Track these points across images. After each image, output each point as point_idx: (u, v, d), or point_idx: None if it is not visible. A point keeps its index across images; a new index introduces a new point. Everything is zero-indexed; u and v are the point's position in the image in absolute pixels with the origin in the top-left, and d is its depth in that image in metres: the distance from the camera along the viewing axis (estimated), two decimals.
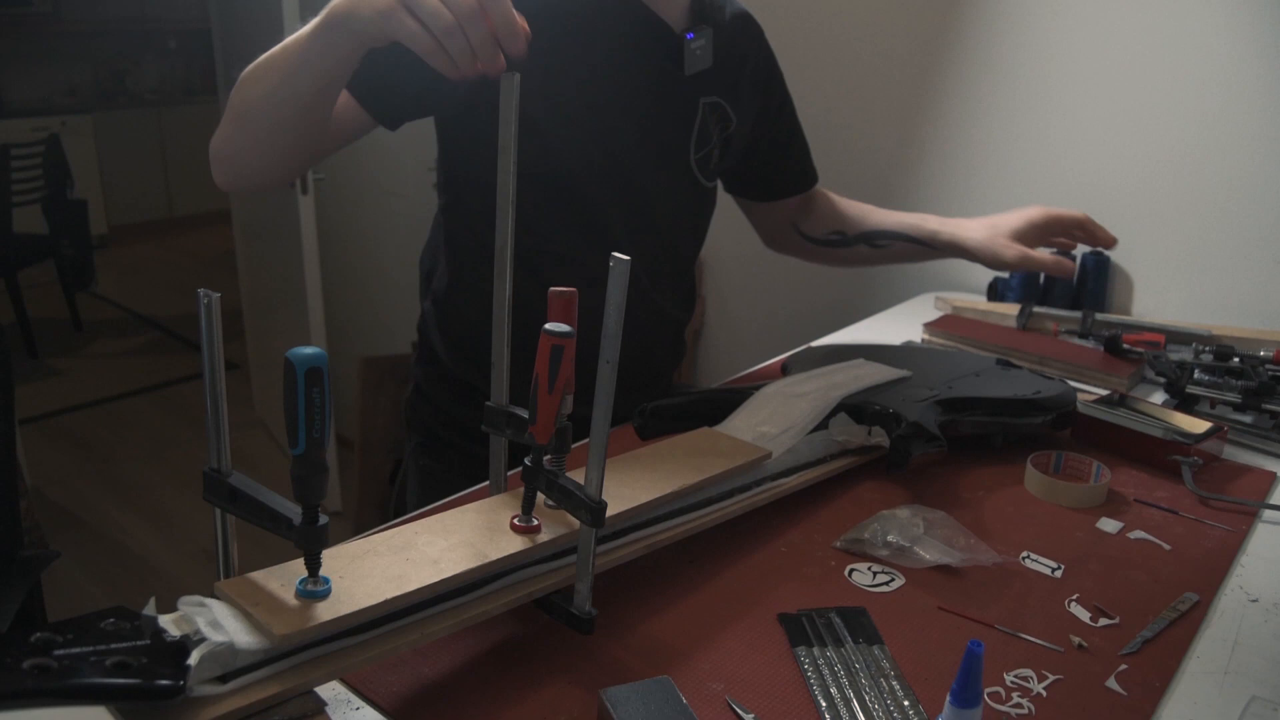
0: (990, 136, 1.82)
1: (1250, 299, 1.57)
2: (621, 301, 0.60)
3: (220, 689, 0.53)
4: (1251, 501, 0.97)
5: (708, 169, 1.18)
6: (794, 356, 1.20)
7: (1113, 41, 1.64)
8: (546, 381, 0.64)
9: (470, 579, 0.63)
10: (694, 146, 1.15)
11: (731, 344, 2.29)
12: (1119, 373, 1.30)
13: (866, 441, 0.98)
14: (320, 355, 0.53)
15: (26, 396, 3.43)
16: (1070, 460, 0.99)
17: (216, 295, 0.56)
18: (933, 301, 1.67)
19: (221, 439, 0.59)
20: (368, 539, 0.68)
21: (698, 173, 1.17)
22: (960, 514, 0.88)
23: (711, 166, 1.19)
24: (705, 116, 1.15)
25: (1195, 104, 1.57)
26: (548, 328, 0.65)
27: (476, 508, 0.71)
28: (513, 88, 0.71)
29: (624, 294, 0.60)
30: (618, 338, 0.61)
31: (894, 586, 0.79)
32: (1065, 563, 0.84)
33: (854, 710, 0.63)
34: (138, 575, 2.50)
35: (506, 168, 0.72)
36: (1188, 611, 0.77)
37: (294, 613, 0.56)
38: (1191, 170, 1.59)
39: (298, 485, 0.55)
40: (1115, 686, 0.68)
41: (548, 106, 1.03)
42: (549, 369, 0.64)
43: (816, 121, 2.07)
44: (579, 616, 0.67)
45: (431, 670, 0.66)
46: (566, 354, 0.64)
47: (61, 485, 2.95)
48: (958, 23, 1.81)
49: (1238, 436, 1.12)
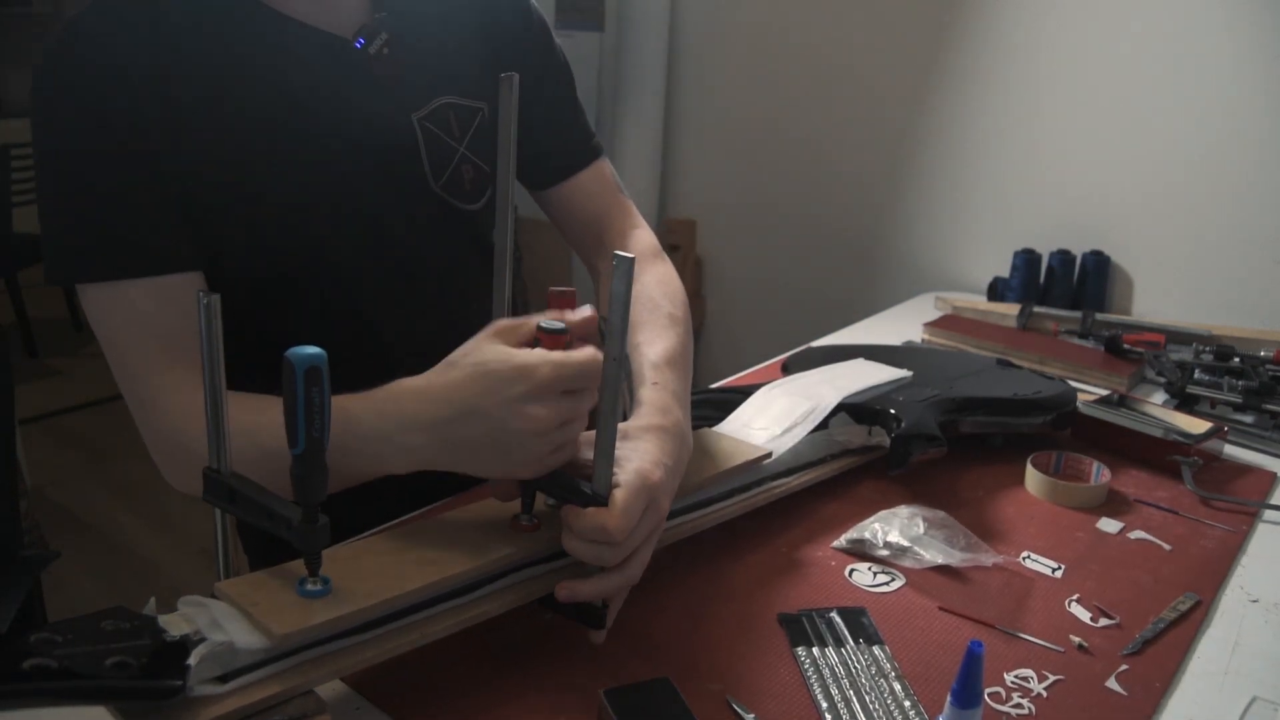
0: (989, 136, 1.82)
1: (1250, 299, 1.57)
2: (627, 297, 0.60)
3: (220, 689, 0.53)
4: (1251, 501, 0.97)
5: (461, 190, 0.93)
6: (794, 356, 1.20)
7: (1113, 41, 1.64)
8: None
9: (470, 579, 0.63)
10: (431, 173, 0.90)
11: (731, 344, 2.29)
12: (1119, 373, 1.30)
13: (866, 441, 0.98)
14: (320, 355, 0.53)
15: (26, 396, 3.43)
16: (1070, 460, 0.99)
17: (216, 296, 0.56)
18: (933, 301, 1.67)
19: (221, 439, 0.59)
20: (368, 539, 0.68)
21: (452, 200, 0.92)
22: (960, 514, 0.88)
23: (467, 185, 0.93)
24: (430, 131, 0.90)
25: (1196, 104, 1.57)
26: (542, 324, 0.65)
27: (476, 508, 0.71)
28: (512, 88, 0.71)
29: (629, 289, 0.60)
30: (624, 333, 0.61)
31: (894, 586, 0.79)
32: (1065, 563, 0.84)
33: (854, 710, 0.63)
34: (138, 575, 2.50)
35: (506, 168, 0.72)
36: (1188, 611, 0.77)
37: (294, 612, 0.56)
38: (1191, 170, 1.59)
39: (298, 485, 0.55)
40: (1115, 686, 0.68)
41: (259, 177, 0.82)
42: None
43: (816, 120, 2.08)
44: (590, 609, 0.66)
45: (431, 670, 0.66)
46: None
47: (61, 485, 2.95)
48: (955, 19, 1.81)
49: (1238, 436, 1.12)
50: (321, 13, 0.85)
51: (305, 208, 0.85)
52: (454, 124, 0.92)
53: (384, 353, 0.90)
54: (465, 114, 0.93)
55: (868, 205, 2.01)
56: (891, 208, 1.99)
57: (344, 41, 0.86)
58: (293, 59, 0.84)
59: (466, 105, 0.93)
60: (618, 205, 1.05)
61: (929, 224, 1.94)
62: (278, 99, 0.83)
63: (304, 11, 0.84)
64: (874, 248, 2.03)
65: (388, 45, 0.87)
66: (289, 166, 0.84)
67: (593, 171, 1.04)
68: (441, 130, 0.91)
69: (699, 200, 2.35)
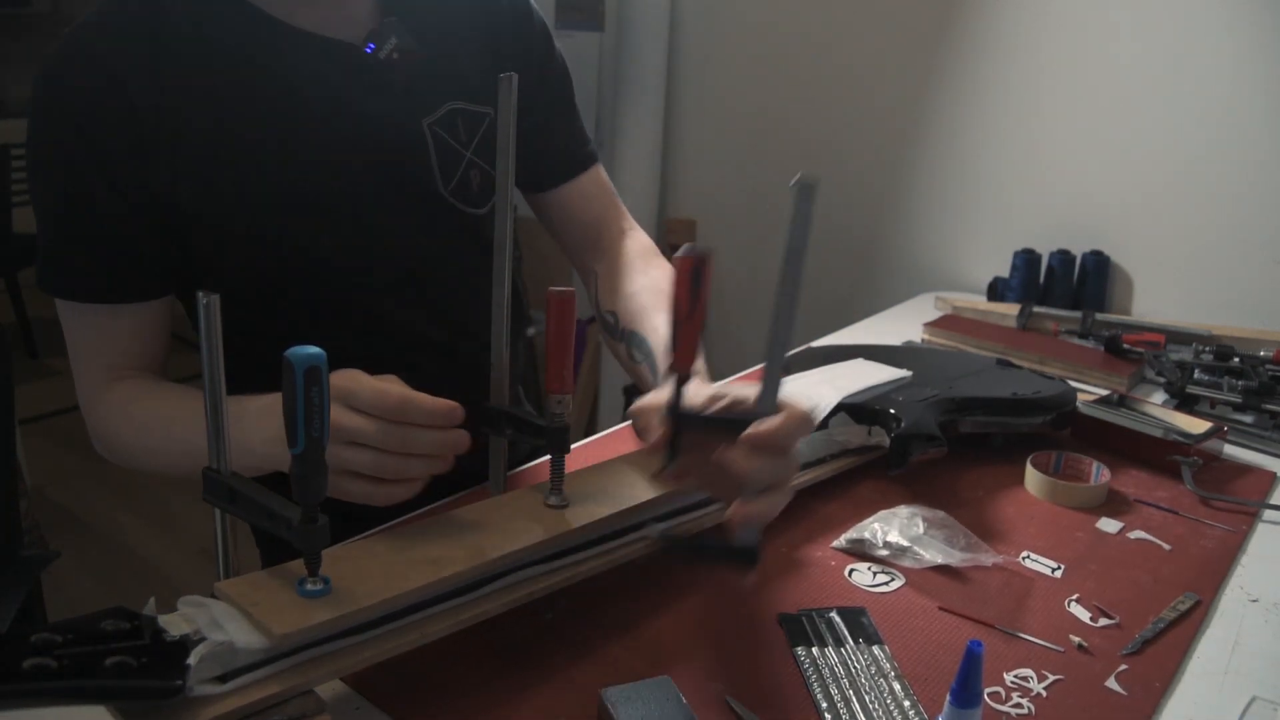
0: (989, 136, 1.82)
1: (1250, 299, 1.57)
2: (808, 220, 0.60)
3: (220, 689, 0.53)
4: (1251, 501, 0.97)
5: (470, 194, 0.94)
6: (794, 356, 1.20)
7: (1113, 41, 1.64)
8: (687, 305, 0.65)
9: (470, 579, 0.63)
10: (441, 177, 0.91)
11: (731, 344, 2.29)
12: (1119, 373, 1.30)
13: (866, 441, 0.98)
14: (319, 355, 0.53)
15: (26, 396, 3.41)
16: (1070, 460, 0.99)
17: (216, 296, 0.56)
18: (933, 301, 1.67)
19: (221, 439, 0.59)
20: (368, 539, 0.68)
21: (459, 204, 0.93)
22: (960, 514, 0.88)
23: (475, 188, 0.94)
24: (439, 136, 0.91)
25: (1195, 104, 1.57)
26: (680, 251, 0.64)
27: (477, 508, 0.71)
28: (511, 89, 0.71)
29: (810, 212, 0.60)
30: (801, 256, 0.62)
31: (894, 586, 0.79)
32: (1065, 563, 0.84)
33: (854, 710, 0.63)
34: (138, 575, 2.50)
35: (505, 168, 0.72)
36: (1188, 611, 0.77)
37: (294, 612, 0.56)
38: (1191, 170, 1.59)
39: (297, 485, 0.55)
40: (1115, 686, 0.68)
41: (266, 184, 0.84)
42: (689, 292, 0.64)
43: (816, 120, 2.08)
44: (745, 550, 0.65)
45: (431, 670, 0.66)
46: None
47: (61, 485, 2.95)
48: (955, 20, 1.81)
49: (1238, 436, 1.12)
50: (329, 23, 0.85)
51: (313, 211, 0.86)
52: (462, 129, 0.93)
53: (394, 354, 0.91)
54: (473, 119, 0.93)
55: (868, 205, 2.01)
56: (891, 208, 1.99)
57: (353, 47, 0.86)
58: (301, 65, 0.84)
59: (474, 110, 0.93)
60: (614, 208, 1.08)
61: (929, 224, 1.94)
62: (286, 105, 0.84)
63: (312, 22, 0.85)
64: (874, 248, 2.03)
65: (397, 50, 0.87)
66: (297, 172, 0.85)
67: (591, 175, 1.06)
68: (450, 135, 0.92)
69: (699, 200, 2.35)
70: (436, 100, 0.91)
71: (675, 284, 0.64)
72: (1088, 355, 1.37)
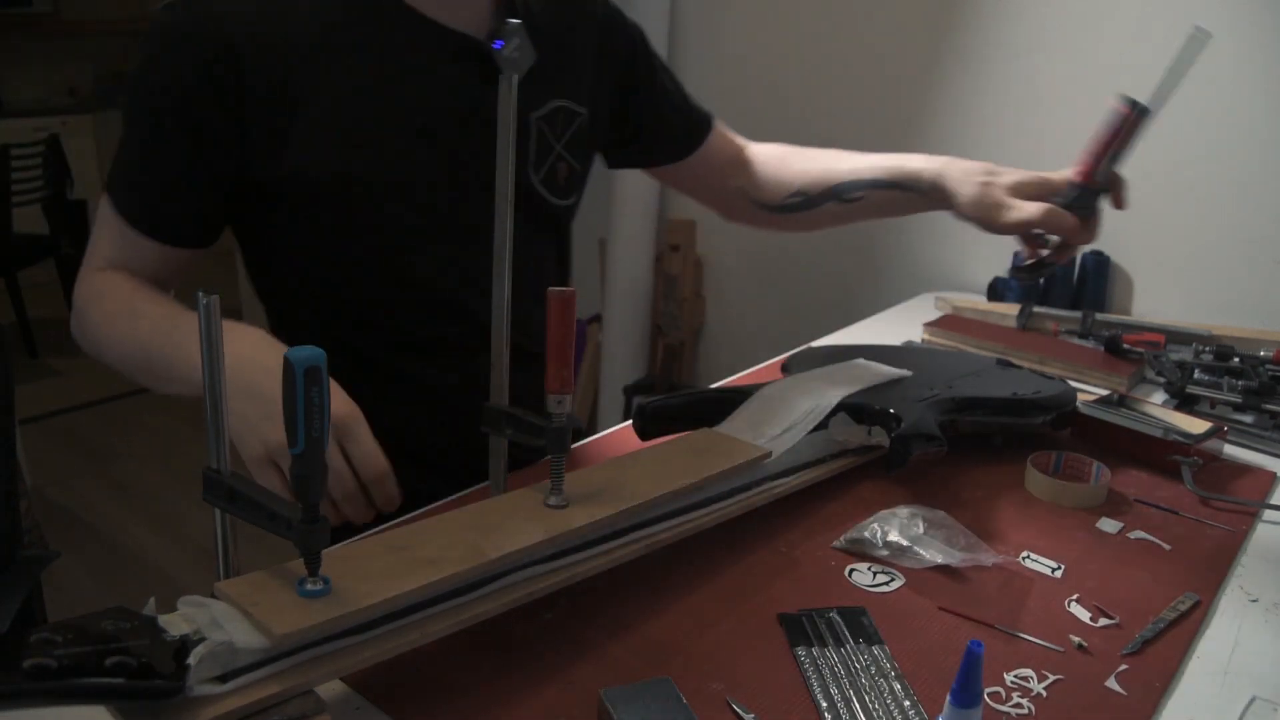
0: (988, 136, 1.82)
1: (1250, 299, 1.57)
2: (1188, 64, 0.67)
3: (220, 689, 0.53)
4: (1251, 501, 0.97)
5: (556, 185, 1.03)
6: (794, 356, 1.20)
7: (1113, 41, 1.64)
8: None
9: (470, 579, 0.63)
10: (534, 167, 0.99)
11: (731, 344, 2.29)
12: (1119, 373, 1.30)
13: (866, 441, 0.98)
14: (319, 354, 0.53)
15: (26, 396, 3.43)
16: (1070, 460, 0.99)
17: (215, 296, 0.56)
18: (933, 301, 1.67)
19: (221, 439, 0.59)
20: (367, 539, 0.68)
21: (546, 194, 1.02)
22: (960, 514, 0.88)
23: (560, 181, 1.03)
24: (541, 130, 0.99)
25: (1196, 104, 1.57)
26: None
27: (477, 508, 0.71)
28: (511, 88, 0.71)
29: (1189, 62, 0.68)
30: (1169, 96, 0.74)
31: (894, 586, 0.79)
32: (1065, 563, 0.84)
33: (854, 710, 0.63)
34: (138, 575, 2.50)
35: (505, 169, 0.72)
36: (1188, 611, 0.77)
37: (294, 612, 0.56)
38: (1191, 170, 1.59)
39: (297, 485, 0.55)
40: (1115, 686, 0.68)
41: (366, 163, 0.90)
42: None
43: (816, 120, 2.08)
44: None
45: (431, 670, 0.66)
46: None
47: (61, 485, 2.95)
48: (955, 18, 1.81)
49: (1238, 436, 1.12)
50: (456, 16, 0.91)
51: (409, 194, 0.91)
52: (560, 125, 1.01)
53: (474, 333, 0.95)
54: (570, 116, 1.02)
55: None
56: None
57: (478, 42, 0.92)
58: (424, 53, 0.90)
59: (573, 109, 1.02)
60: (736, 141, 1.28)
61: (929, 224, 1.94)
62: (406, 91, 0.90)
63: (434, 10, 0.90)
64: (874, 248, 2.03)
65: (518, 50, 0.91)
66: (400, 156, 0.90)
67: (718, 126, 1.24)
68: (549, 129, 0.99)
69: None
70: (545, 97, 0.98)
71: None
72: (1088, 355, 1.37)
